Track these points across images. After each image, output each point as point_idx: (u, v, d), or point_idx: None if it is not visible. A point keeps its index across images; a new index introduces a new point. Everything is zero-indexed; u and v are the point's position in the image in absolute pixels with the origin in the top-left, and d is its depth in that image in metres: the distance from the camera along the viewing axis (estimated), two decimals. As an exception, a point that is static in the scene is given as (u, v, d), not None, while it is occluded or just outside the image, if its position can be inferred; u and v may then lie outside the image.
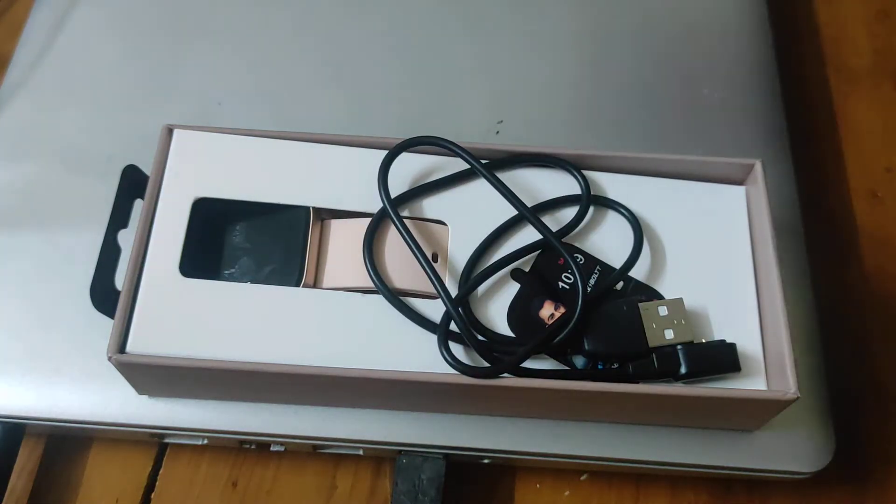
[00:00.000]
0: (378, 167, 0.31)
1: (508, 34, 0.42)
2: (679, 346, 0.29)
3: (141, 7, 0.42)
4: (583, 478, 0.35)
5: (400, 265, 0.31)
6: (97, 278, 0.32)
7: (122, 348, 0.29)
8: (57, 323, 0.34)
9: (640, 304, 0.30)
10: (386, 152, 0.32)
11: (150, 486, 0.35)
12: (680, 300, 0.30)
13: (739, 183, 0.33)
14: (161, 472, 0.35)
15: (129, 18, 0.42)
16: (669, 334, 0.29)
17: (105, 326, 0.29)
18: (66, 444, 0.36)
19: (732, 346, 0.29)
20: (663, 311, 0.29)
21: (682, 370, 0.29)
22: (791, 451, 0.32)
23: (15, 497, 0.34)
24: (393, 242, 0.31)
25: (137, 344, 0.29)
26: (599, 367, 0.30)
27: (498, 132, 0.38)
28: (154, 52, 0.41)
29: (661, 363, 0.29)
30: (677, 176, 0.33)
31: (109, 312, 0.30)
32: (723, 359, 0.29)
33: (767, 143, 0.39)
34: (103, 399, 0.32)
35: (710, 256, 0.32)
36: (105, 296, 0.31)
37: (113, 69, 0.41)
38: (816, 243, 0.37)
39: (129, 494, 0.35)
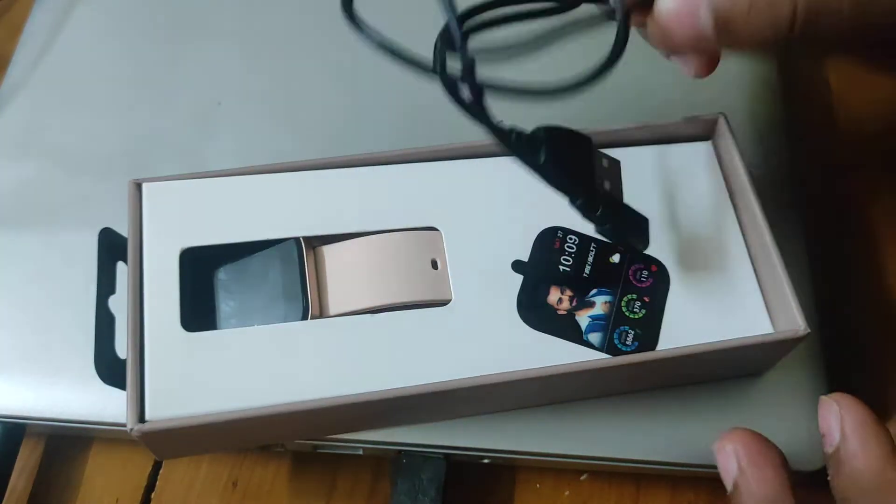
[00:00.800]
0: (356, 187, 0.31)
1: (508, 33, 0.42)
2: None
3: (141, 7, 0.42)
4: (583, 478, 0.35)
5: (383, 277, 0.30)
6: (98, 352, 0.29)
7: (140, 418, 0.27)
8: (57, 323, 0.34)
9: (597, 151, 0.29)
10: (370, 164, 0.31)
11: (150, 486, 0.35)
12: (617, 162, 0.30)
13: (706, 139, 0.34)
14: (161, 472, 0.35)
15: (128, 19, 0.42)
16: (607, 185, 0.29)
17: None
18: (66, 444, 0.36)
19: (646, 220, 0.30)
20: (605, 163, 0.30)
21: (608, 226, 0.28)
22: (791, 449, 0.32)
23: (15, 497, 0.35)
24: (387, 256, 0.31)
25: (157, 411, 0.27)
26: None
27: (498, 132, 0.38)
28: (154, 53, 0.41)
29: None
30: (647, 143, 0.33)
31: (119, 384, 0.28)
32: (634, 226, 0.30)
33: (769, 140, 0.39)
34: (103, 399, 0.32)
35: (692, 213, 0.32)
36: (111, 368, 0.29)
37: (113, 69, 0.41)
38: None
39: (129, 494, 0.35)
